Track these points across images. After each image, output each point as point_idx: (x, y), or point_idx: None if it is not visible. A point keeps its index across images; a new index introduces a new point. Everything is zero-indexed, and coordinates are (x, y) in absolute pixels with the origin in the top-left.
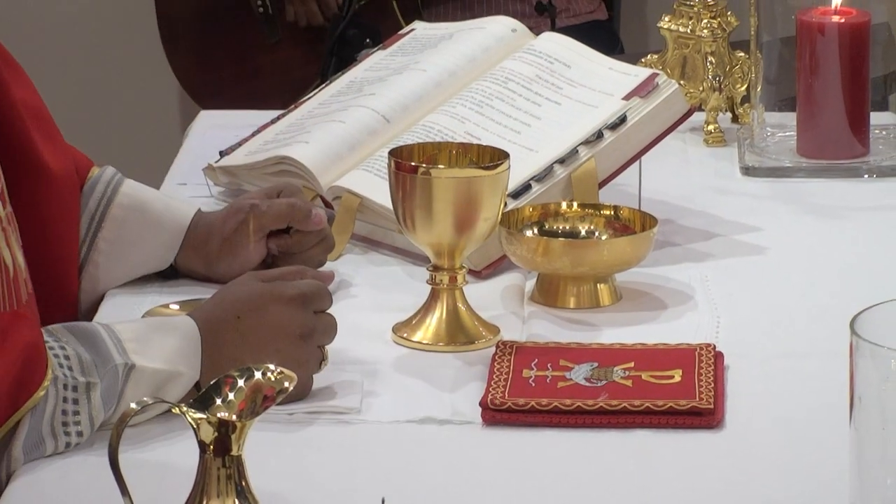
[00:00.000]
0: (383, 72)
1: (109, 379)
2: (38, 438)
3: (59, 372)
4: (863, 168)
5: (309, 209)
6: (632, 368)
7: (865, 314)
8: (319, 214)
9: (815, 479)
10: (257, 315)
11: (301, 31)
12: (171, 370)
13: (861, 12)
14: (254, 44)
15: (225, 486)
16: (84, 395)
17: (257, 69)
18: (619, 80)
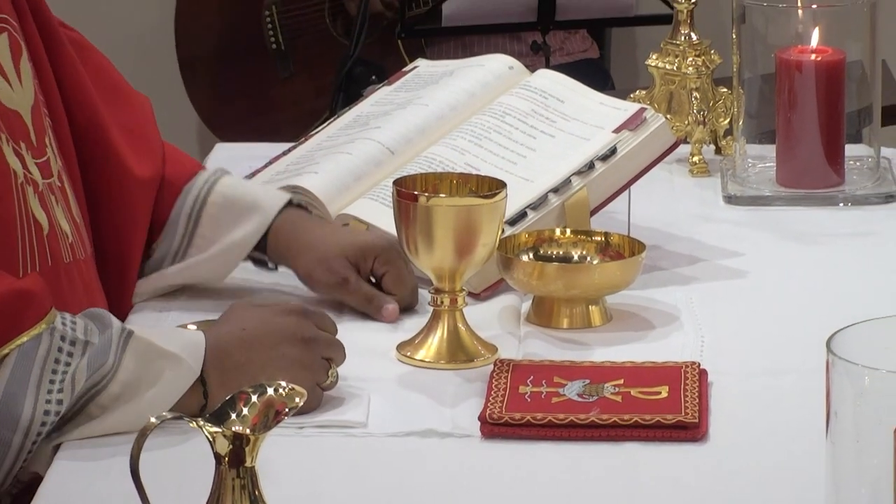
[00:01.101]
0: (388, 106)
1: (102, 344)
2: (23, 382)
3: (60, 326)
4: (838, 197)
5: (380, 306)
6: (621, 385)
7: (840, 334)
8: (392, 311)
9: (793, 489)
10: (262, 324)
11: (311, 67)
12: (170, 351)
13: (836, 51)
14: (267, 79)
15: (239, 496)
16: (79, 351)
17: (270, 103)
18: (609, 115)
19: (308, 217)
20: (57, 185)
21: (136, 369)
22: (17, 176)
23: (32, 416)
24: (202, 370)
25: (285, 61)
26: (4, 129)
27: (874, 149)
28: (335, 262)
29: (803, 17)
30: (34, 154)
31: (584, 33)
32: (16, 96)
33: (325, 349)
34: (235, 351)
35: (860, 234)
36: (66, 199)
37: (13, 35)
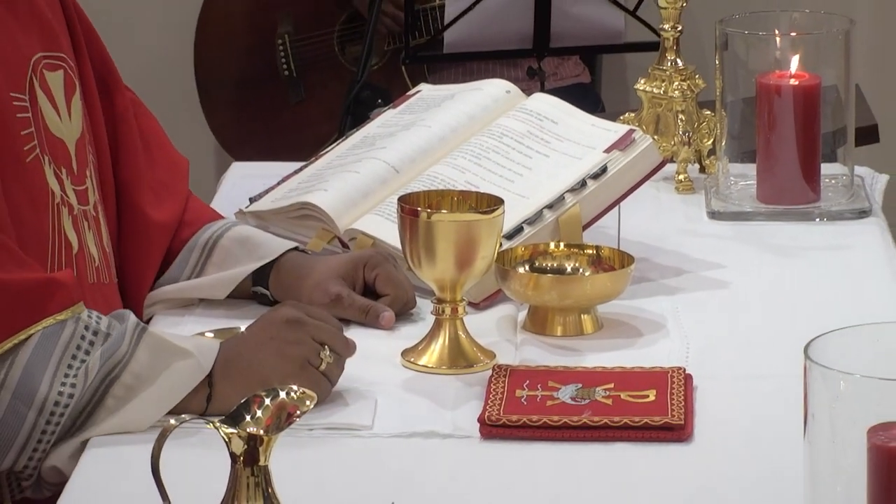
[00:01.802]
0: (393, 128)
1: (117, 335)
2: (43, 361)
3: (87, 318)
4: (815, 213)
5: (377, 314)
6: (612, 389)
7: (817, 341)
8: (389, 318)
9: (773, 486)
10: (260, 321)
11: (321, 92)
12: (183, 347)
13: (813, 76)
14: (280, 103)
15: (253, 493)
16: (100, 341)
17: (283, 125)
18: (600, 136)
19: (308, 257)
20: (91, 214)
21: (148, 362)
22: (55, 196)
23: (47, 395)
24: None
25: (297, 87)
26: (48, 153)
27: (848, 167)
28: (328, 283)
29: (782, 45)
30: (74, 181)
31: (576, 59)
32: (63, 127)
33: (316, 332)
34: (239, 349)
35: (835, 247)
36: (99, 227)
37: (69, 73)
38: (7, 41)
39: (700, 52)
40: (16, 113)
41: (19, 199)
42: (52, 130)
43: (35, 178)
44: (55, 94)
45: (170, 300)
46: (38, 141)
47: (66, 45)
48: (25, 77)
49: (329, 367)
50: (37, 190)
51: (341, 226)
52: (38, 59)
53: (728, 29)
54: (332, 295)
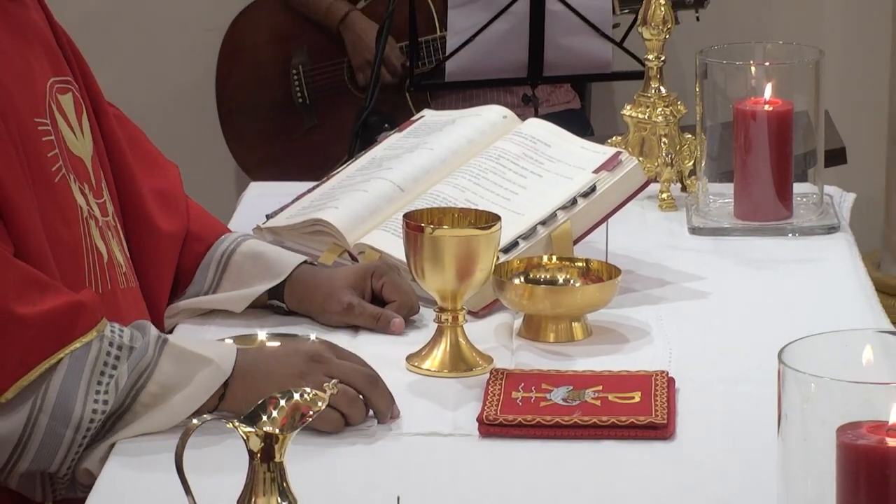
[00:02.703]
0: (398, 150)
1: (142, 347)
2: (73, 385)
3: (109, 333)
4: (787, 229)
5: (388, 320)
6: (600, 391)
7: (790, 347)
8: (398, 324)
9: (749, 481)
10: (286, 346)
11: (332, 118)
12: (203, 354)
13: (786, 102)
14: (295, 128)
15: (270, 487)
16: (125, 355)
17: (297, 148)
18: (589, 157)
19: (318, 269)
20: (112, 224)
21: (172, 372)
22: (83, 210)
23: (82, 414)
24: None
25: (310, 113)
26: (72, 171)
27: (818, 187)
28: (339, 293)
29: (757, 73)
30: (94, 195)
31: (567, 87)
32: (80, 145)
33: (335, 370)
34: (258, 360)
35: (806, 260)
36: (119, 236)
37: (76, 95)
38: (26, 70)
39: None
40: (41, 137)
41: (53, 217)
42: (71, 149)
43: (64, 196)
44: (69, 116)
45: (190, 310)
46: (62, 161)
47: (67, 68)
48: (45, 102)
49: (336, 399)
50: (67, 207)
51: (351, 241)
52: (52, 83)
53: (707, 59)
54: (344, 304)
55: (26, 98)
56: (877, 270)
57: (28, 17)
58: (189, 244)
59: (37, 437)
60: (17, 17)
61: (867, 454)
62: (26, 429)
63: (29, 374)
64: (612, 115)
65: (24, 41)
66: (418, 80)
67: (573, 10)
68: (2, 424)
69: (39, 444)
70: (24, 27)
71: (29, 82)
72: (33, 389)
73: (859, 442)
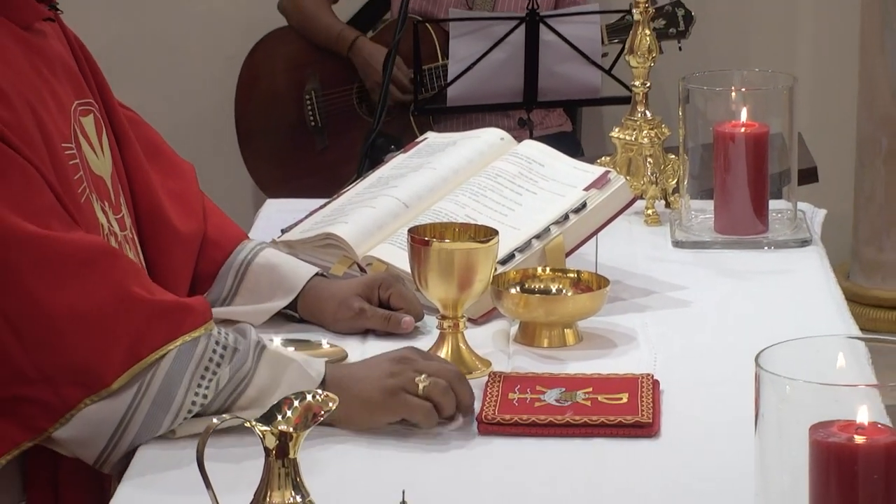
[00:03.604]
0: (404, 170)
1: (243, 351)
2: (178, 376)
3: (216, 334)
4: (763, 242)
5: (398, 320)
6: (590, 392)
7: (766, 351)
8: (409, 321)
9: (728, 475)
10: (378, 355)
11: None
12: (290, 356)
13: (762, 125)
14: (308, 150)
15: (284, 481)
16: (229, 355)
17: (310, 168)
18: (580, 176)
19: (329, 281)
20: (129, 237)
21: (269, 376)
22: (104, 228)
23: (182, 403)
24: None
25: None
26: (94, 191)
27: (792, 203)
28: (350, 300)
29: (735, 98)
30: (114, 211)
31: (560, 111)
32: (101, 164)
33: (423, 367)
34: (352, 371)
35: (781, 271)
36: (136, 248)
37: (96, 115)
38: (53, 98)
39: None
40: (68, 161)
41: None
42: (93, 169)
43: (89, 215)
44: (91, 137)
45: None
46: (86, 182)
47: (87, 89)
48: (70, 127)
49: (428, 389)
50: (91, 226)
51: (359, 253)
52: (75, 107)
53: (689, 85)
54: (355, 310)
55: (56, 125)
56: (846, 281)
57: (49, 45)
58: (208, 250)
59: (137, 420)
60: (40, 47)
61: (837, 451)
62: (128, 412)
63: (140, 362)
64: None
65: (50, 69)
66: (422, 105)
67: (565, 41)
68: (106, 406)
69: (139, 428)
70: (48, 55)
71: (57, 109)
72: (140, 376)
73: (830, 440)
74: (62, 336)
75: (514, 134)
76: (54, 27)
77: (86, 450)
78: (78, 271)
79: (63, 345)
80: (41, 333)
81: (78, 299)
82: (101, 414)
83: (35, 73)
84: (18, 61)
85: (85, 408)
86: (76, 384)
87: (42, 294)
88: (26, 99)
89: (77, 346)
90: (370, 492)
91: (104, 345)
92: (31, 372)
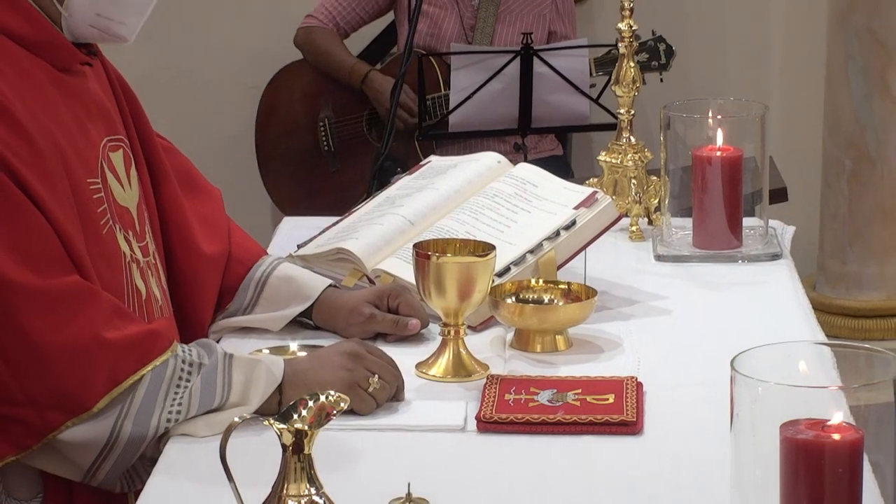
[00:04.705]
0: (409, 190)
1: (210, 366)
2: (153, 396)
3: (181, 352)
4: (738, 256)
5: (406, 323)
6: (580, 393)
7: (741, 356)
8: (415, 323)
9: (706, 468)
10: (328, 348)
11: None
12: (256, 359)
13: (736, 149)
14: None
15: (300, 475)
16: (196, 370)
17: (323, 189)
18: (570, 196)
19: (341, 291)
20: (152, 263)
21: (244, 380)
22: (125, 256)
23: (158, 423)
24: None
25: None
26: (118, 221)
27: (764, 221)
28: (362, 307)
29: (712, 125)
30: (137, 239)
31: (552, 137)
32: (126, 196)
33: (370, 364)
34: (305, 366)
35: (754, 283)
36: (158, 273)
37: (126, 151)
38: (82, 134)
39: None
40: (92, 195)
41: (100, 264)
42: (118, 201)
43: (110, 245)
44: (118, 171)
45: (232, 327)
46: (110, 214)
47: (120, 125)
48: (97, 162)
49: (376, 391)
50: (112, 255)
51: (369, 266)
52: (105, 143)
53: (670, 112)
54: (366, 315)
55: (81, 161)
56: (813, 291)
57: (85, 86)
58: (231, 267)
59: (122, 439)
60: (75, 87)
61: (806, 447)
62: (113, 432)
63: (118, 387)
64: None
65: (82, 108)
66: (426, 131)
67: (556, 72)
68: (92, 428)
69: (124, 445)
70: (82, 95)
71: (84, 146)
72: (120, 400)
73: (799, 436)
74: (48, 367)
75: (510, 157)
76: (96, 69)
77: (72, 466)
78: (64, 312)
79: (49, 374)
80: (29, 363)
81: (63, 336)
82: (87, 434)
83: (68, 111)
84: (52, 101)
85: (66, 430)
86: (59, 409)
87: (32, 331)
88: (53, 137)
89: (61, 376)
90: (378, 484)
91: (85, 375)
92: (18, 395)
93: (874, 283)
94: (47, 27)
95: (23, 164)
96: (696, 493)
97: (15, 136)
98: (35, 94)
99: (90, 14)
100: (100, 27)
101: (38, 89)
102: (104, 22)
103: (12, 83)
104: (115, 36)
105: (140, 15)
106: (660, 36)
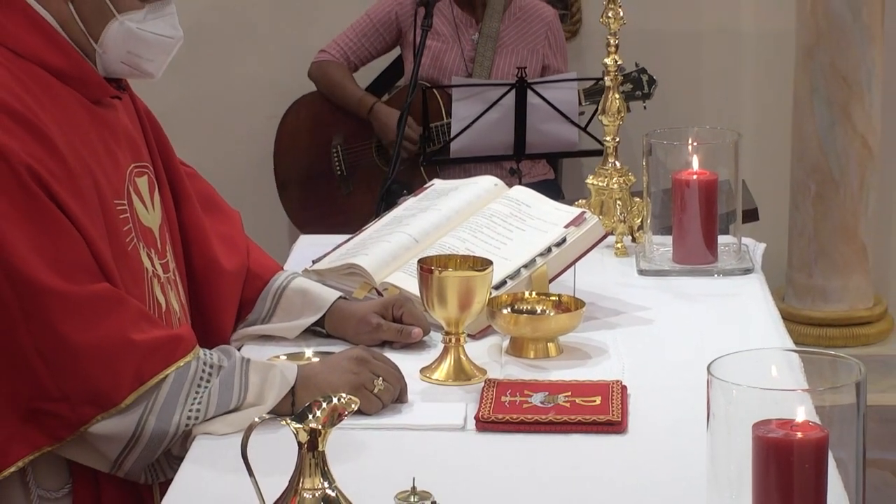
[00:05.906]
0: (414, 211)
1: (229, 369)
2: (175, 395)
3: (203, 356)
4: (713, 270)
5: (409, 331)
6: (570, 395)
7: (716, 361)
8: (418, 332)
9: (685, 464)
10: (335, 355)
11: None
12: (271, 363)
13: (712, 173)
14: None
15: (314, 471)
16: (216, 372)
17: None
18: (561, 216)
19: (350, 302)
20: (172, 279)
21: (259, 382)
22: (148, 272)
23: (180, 420)
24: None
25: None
26: (142, 240)
27: (737, 238)
28: (369, 317)
29: (690, 151)
30: (159, 256)
31: (544, 162)
32: (150, 217)
33: (375, 368)
34: (316, 370)
35: (728, 295)
36: (178, 288)
37: (150, 177)
38: (111, 160)
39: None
40: (119, 215)
41: (125, 277)
42: (143, 222)
43: (134, 261)
44: (143, 194)
45: (251, 335)
46: (134, 232)
47: (145, 154)
48: (124, 186)
49: (381, 392)
50: (135, 270)
51: (377, 279)
52: (131, 169)
53: (652, 140)
54: (373, 325)
55: (110, 184)
56: (782, 303)
57: (115, 117)
58: (250, 281)
59: (146, 433)
60: (106, 117)
61: (776, 445)
62: (138, 426)
63: (144, 385)
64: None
65: (112, 136)
66: (430, 157)
67: (548, 103)
68: (119, 422)
69: (148, 439)
70: (112, 125)
71: (112, 170)
72: (146, 397)
73: (770, 435)
74: (81, 365)
75: (506, 181)
76: (125, 102)
77: (101, 457)
78: (95, 315)
79: (81, 372)
80: (64, 363)
81: (94, 337)
82: (115, 428)
83: (98, 138)
84: (85, 128)
85: (96, 423)
86: (91, 404)
87: (66, 332)
88: (85, 160)
89: (92, 374)
90: (385, 478)
91: (114, 373)
92: (54, 392)
93: (838, 296)
94: (82, 62)
95: (57, 182)
96: (676, 486)
97: (50, 156)
98: (69, 122)
99: (122, 52)
100: (130, 64)
101: (73, 118)
102: (134, 59)
103: (49, 110)
104: (143, 72)
105: (167, 54)
106: (643, 67)
